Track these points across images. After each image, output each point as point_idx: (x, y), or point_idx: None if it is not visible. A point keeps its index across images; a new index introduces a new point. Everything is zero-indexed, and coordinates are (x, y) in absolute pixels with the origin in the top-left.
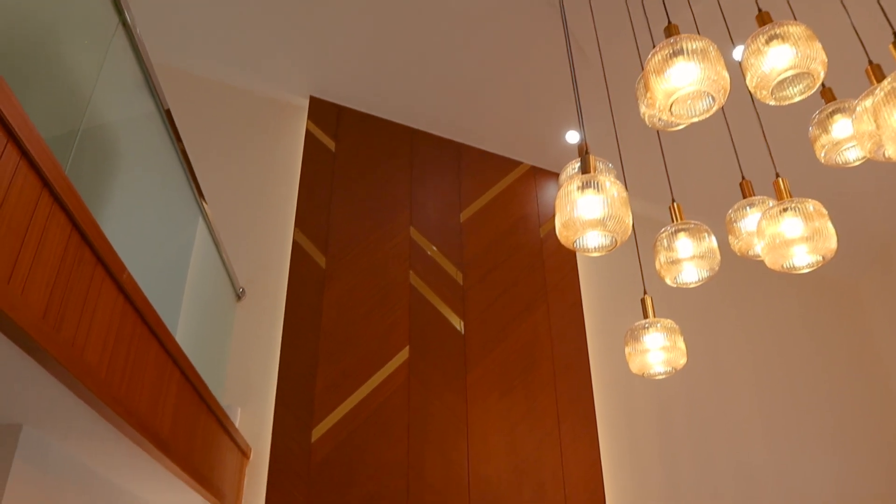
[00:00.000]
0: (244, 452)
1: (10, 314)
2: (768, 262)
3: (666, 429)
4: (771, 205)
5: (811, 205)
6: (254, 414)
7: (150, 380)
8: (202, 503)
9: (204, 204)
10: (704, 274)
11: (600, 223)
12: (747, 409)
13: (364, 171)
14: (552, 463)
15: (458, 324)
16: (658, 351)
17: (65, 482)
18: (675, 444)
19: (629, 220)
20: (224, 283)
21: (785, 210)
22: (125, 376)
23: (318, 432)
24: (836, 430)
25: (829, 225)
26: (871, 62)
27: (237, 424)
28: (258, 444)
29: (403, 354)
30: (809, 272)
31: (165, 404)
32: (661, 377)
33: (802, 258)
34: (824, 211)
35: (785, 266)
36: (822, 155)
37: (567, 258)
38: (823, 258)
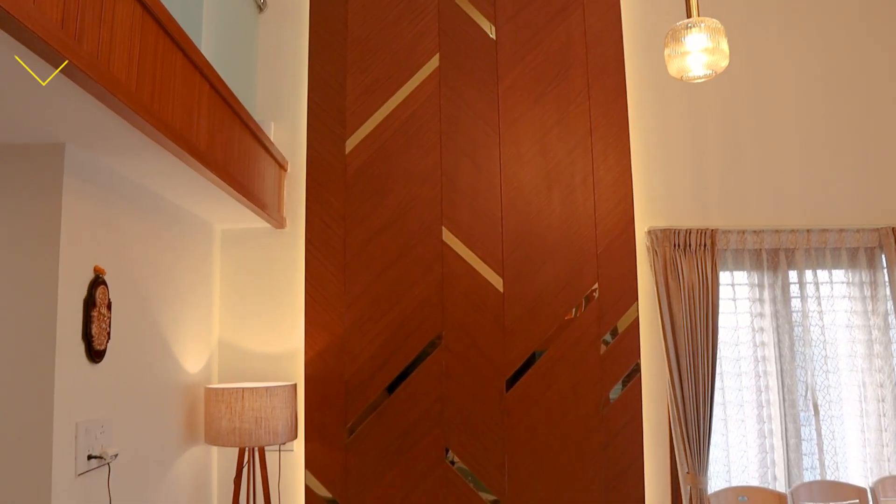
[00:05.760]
0: (281, 165)
1: (27, 24)
2: None
3: (698, 138)
4: None
5: None
6: (287, 128)
7: (180, 93)
8: (246, 213)
9: None
10: None
11: None
12: (784, 121)
13: None
14: (583, 169)
15: (490, 29)
16: (699, 53)
17: (115, 195)
18: (706, 154)
19: None
20: None
21: None
22: (155, 90)
23: (351, 143)
24: (874, 154)
25: None
26: None
27: (272, 138)
28: (294, 157)
29: (434, 63)
30: None
31: (199, 117)
32: (699, 80)
33: None
34: None
35: None
36: None
37: None
38: None
